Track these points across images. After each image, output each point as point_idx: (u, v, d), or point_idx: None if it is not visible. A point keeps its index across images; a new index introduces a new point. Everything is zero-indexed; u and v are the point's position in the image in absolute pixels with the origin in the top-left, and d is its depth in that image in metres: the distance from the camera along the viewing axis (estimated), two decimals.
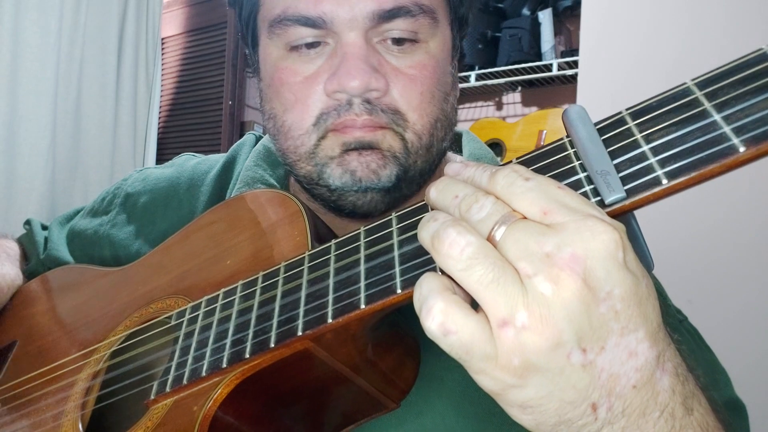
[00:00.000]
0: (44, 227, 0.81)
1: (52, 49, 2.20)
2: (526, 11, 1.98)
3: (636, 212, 0.32)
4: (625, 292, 0.28)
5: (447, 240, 0.29)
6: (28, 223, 0.81)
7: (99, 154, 2.39)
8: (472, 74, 2.03)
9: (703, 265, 1.32)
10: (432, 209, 0.34)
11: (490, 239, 0.29)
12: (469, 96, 2.24)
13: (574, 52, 1.83)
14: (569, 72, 1.87)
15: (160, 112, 2.82)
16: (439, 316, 0.28)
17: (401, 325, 0.46)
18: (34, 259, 0.76)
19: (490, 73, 2.01)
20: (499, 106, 2.23)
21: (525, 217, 0.29)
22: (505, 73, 2.00)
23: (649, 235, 0.34)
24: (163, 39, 2.82)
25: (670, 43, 1.41)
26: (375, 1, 0.48)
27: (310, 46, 0.51)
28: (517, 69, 1.96)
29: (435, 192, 0.33)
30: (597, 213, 0.29)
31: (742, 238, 1.29)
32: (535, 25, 1.95)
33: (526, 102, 2.17)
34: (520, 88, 2.15)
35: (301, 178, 0.55)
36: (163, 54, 2.82)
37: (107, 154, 2.41)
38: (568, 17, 2.00)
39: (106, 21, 2.39)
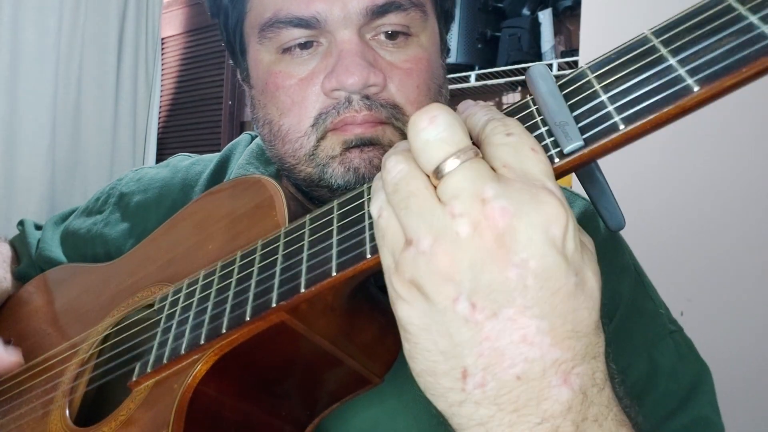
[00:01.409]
0: (38, 227, 0.80)
1: (52, 49, 2.21)
2: (525, 11, 1.98)
3: (634, 207, 0.32)
4: (542, 269, 0.26)
5: (386, 166, 0.30)
6: (21, 223, 0.81)
7: (99, 154, 2.39)
8: (472, 74, 2.02)
9: (702, 264, 1.32)
10: None
11: (437, 169, 0.28)
12: (469, 96, 2.24)
13: (574, 52, 1.82)
14: (569, 72, 1.87)
15: (160, 112, 2.82)
16: (380, 202, 0.30)
17: (381, 299, 0.45)
18: (25, 260, 0.76)
19: (490, 73, 2.00)
20: (499, 106, 2.23)
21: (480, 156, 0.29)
22: (505, 73, 2.00)
23: (649, 232, 0.34)
24: (163, 39, 2.82)
25: None
26: None
27: (304, 46, 0.50)
28: (517, 69, 1.95)
29: None
30: (556, 191, 0.27)
31: (742, 236, 1.29)
32: (535, 25, 1.95)
33: None
34: (520, 88, 2.15)
35: (300, 182, 0.55)
36: (163, 54, 2.82)
37: (107, 154, 2.41)
38: (568, 17, 2.00)
39: (105, 21, 2.40)
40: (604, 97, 0.30)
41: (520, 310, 0.26)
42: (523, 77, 1.99)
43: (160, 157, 2.70)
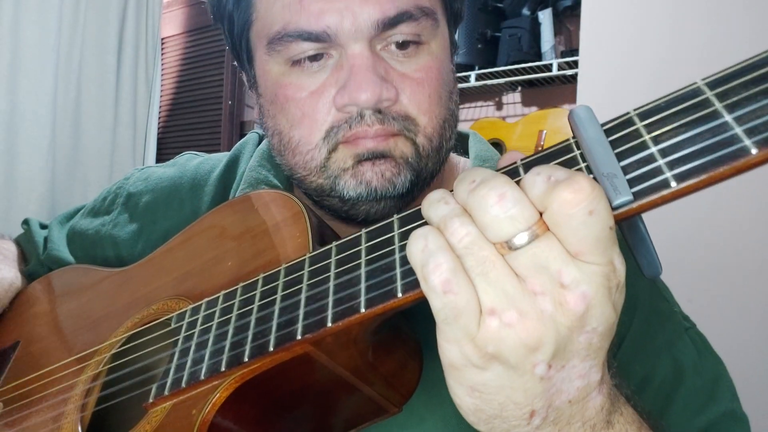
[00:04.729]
0: (43, 226, 0.80)
1: (52, 48, 2.20)
2: (526, 11, 1.98)
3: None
4: (606, 329, 0.30)
5: (450, 227, 0.29)
6: (26, 222, 0.80)
7: (99, 153, 2.39)
8: (472, 74, 2.03)
9: (702, 265, 1.32)
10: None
11: (505, 242, 0.28)
12: (469, 96, 2.24)
13: (574, 52, 1.83)
14: (569, 72, 1.87)
15: (160, 112, 2.81)
16: (446, 273, 0.29)
17: (403, 328, 0.45)
18: (34, 260, 0.75)
19: (490, 73, 2.00)
20: (499, 106, 2.23)
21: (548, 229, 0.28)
22: (505, 73, 2.00)
23: (649, 233, 0.34)
24: (163, 39, 2.82)
25: (670, 42, 1.41)
26: (378, 10, 0.48)
27: (313, 59, 0.50)
28: (517, 69, 1.96)
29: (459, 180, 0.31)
30: (618, 258, 0.29)
31: (742, 237, 1.29)
32: (535, 25, 1.95)
33: (526, 102, 2.17)
34: (520, 88, 2.15)
35: (311, 192, 0.54)
36: (163, 54, 2.82)
37: (107, 153, 2.41)
38: (568, 17, 2.00)
39: (105, 21, 2.39)
40: (654, 149, 0.29)
41: (582, 359, 0.30)
42: (522, 77, 1.99)
43: (160, 157, 2.70)
